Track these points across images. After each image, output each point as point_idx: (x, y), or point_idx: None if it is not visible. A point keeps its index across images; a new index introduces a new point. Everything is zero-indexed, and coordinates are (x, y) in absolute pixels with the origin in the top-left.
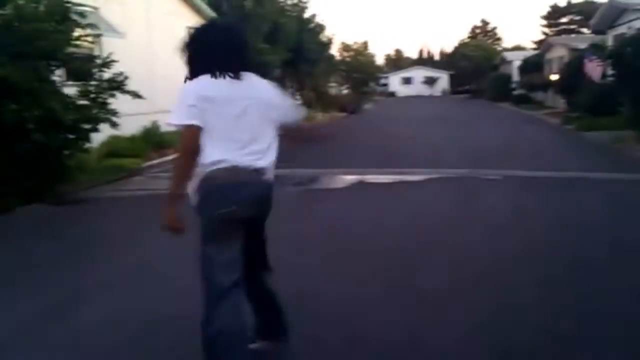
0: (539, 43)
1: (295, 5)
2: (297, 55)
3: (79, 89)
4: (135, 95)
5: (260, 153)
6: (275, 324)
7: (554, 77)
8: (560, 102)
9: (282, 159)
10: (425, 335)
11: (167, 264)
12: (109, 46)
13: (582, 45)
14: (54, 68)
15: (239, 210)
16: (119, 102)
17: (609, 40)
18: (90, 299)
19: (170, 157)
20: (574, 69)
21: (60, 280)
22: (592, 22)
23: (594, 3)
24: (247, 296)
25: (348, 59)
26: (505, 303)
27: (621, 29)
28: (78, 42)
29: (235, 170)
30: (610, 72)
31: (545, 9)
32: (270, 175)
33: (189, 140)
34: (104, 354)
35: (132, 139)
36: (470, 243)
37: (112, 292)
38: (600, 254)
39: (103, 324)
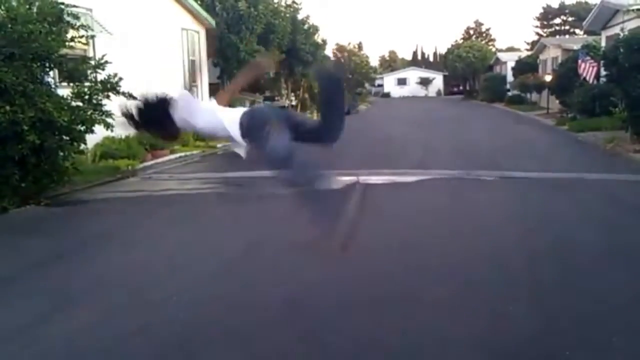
0: (533, 44)
1: (289, 6)
2: (291, 56)
3: (73, 90)
4: (130, 96)
5: None
6: None
7: (548, 77)
8: (555, 103)
9: None
10: (424, 337)
11: (161, 265)
12: (102, 47)
13: (576, 46)
14: (47, 69)
15: None
16: (113, 104)
17: (602, 41)
18: (86, 299)
19: (165, 159)
20: (567, 69)
21: (56, 280)
22: (585, 23)
23: (586, 4)
24: None
25: (342, 60)
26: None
27: (614, 30)
28: (71, 44)
29: None
30: (603, 72)
31: (538, 10)
32: None
33: None
34: (98, 354)
35: (126, 140)
36: (461, 244)
37: (107, 292)
38: (592, 254)
39: (98, 324)
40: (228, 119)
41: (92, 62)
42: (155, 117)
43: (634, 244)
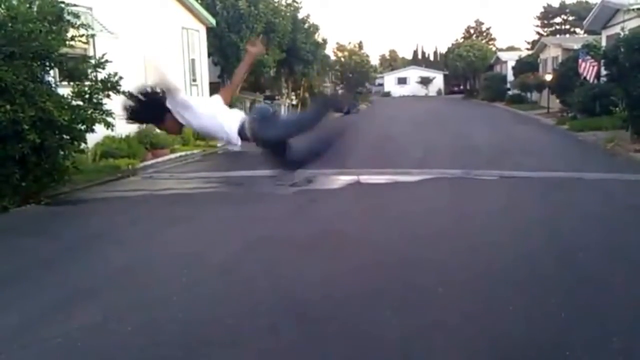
0: (533, 43)
1: (289, 5)
2: (292, 55)
3: (73, 89)
4: (130, 95)
5: None
6: None
7: (548, 77)
8: (555, 102)
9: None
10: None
11: (161, 264)
12: (103, 46)
13: (576, 46)
14: (48, 68)
15: None
16: (113, 103)
17: (603, 40)
18: (86, 298)
19: (165, 158)
20: (568, 69)
21: (56, 280)
22: (585, 22)
23: (587, 3)
24: None
25: (343, 59)
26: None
27: (615, 29)
28: (72, 43)
29: None
30: (604, 72)
31: (539, 10)
32: None
33: None
34: (98, 354)
35: (126, 139)
36: (461, 243)
37: (107, 292)
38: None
39: (99, 323)
40: (228, 123)
41: (93, 61)
42: (152, 111)
43: (635, 243)
